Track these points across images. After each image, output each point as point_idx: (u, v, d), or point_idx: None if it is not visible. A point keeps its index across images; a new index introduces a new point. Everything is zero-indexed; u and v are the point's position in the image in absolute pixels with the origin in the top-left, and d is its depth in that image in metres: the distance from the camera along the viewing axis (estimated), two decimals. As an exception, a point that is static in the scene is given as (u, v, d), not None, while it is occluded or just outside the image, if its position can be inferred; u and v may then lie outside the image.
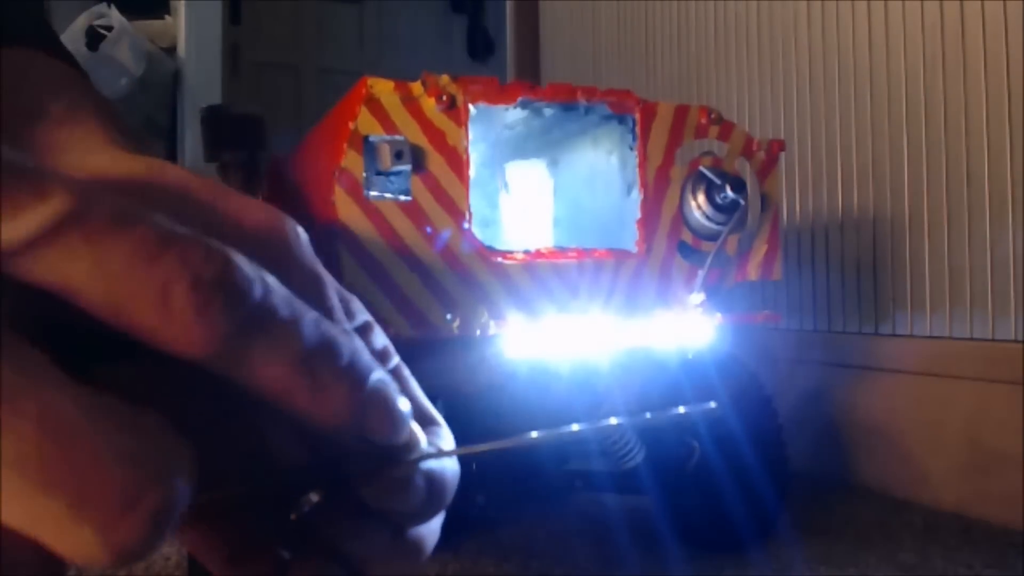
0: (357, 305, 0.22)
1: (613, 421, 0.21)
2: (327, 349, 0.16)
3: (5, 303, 0.13)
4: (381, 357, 0.22)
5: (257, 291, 0.15)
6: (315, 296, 0.20)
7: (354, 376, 0.17)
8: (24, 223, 0.13)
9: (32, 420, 0.12)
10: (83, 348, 0.16)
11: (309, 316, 0.16)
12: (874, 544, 0.88)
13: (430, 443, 0.20)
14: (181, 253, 0.14)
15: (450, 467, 0.20)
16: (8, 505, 0.12)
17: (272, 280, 0.16)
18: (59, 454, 0.12)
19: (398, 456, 0.19)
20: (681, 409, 0.22)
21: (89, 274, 0.13)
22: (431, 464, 0.20)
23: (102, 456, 0.13)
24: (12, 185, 0.13)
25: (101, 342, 0.15)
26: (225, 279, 0.14)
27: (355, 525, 0.19)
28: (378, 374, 0.17)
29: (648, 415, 0.22)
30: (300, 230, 0.21)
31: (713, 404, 0.23)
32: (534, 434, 0.21)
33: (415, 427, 0.20)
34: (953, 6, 1.03)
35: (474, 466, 0.75)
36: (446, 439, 0.21)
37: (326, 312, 0.20)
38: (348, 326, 0.20)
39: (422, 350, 0.71)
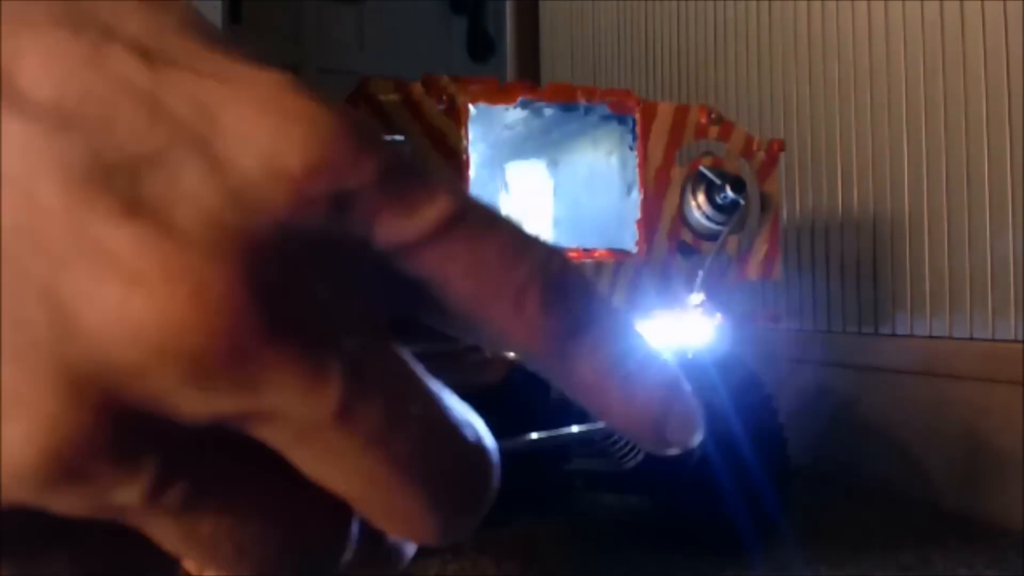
0: None
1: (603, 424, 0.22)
2: (637, 350, 0.17)
3: (380, 301, 0.14)
4: None
5: (588, 291, 0.16)
6: None
7: (662, 378, 0.17)
8: (419, 221, 0.14)
9: (415, 427, 0.13)
10: None
11: (620, 316, 0.17)
12: (874, 544, 0.88)
13: None
14: (534, 255, 0.15)
15: (498, 462, 0.21)
16: (370, 494, 0.13)
17: (590, 278, 0.17)
18: (432, 458, 0.13)
19: None
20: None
21: (462, 270, 0.14)
22: None
23: (465, 462, 0.14)
24: (411, 186, 0.14)
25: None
26: (566, 280, 0.15)
27: None
28: (676, 375, 0.18)
29: None
30: None
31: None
32: (534, 435, 0.21)
33: None
34: (953, 6, 1.03)
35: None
36: None
37: None
38: None
39: (420, 350, 0.71)
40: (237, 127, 0.13)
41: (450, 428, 0.14)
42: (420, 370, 0.14)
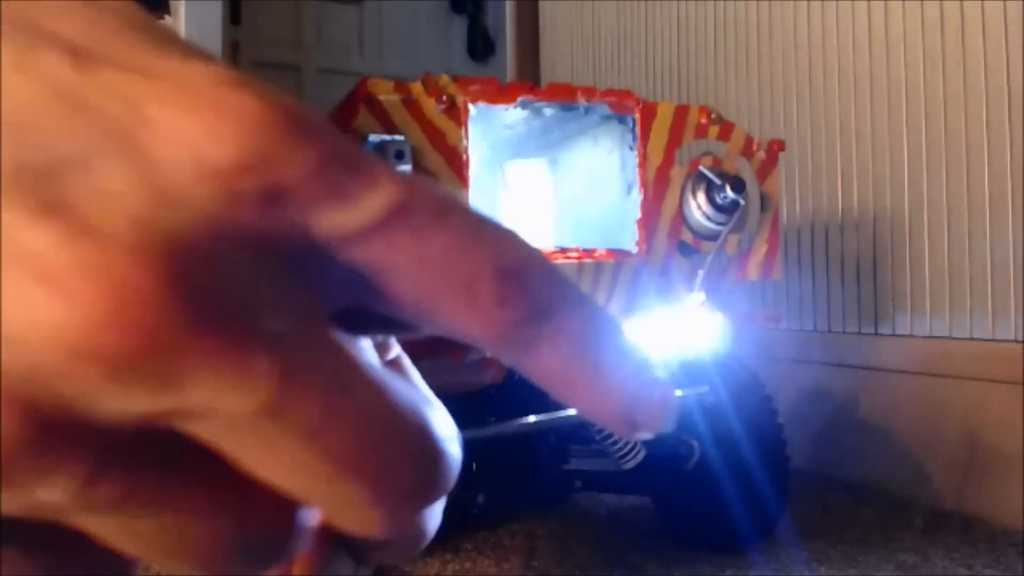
0: None
1: None
2: (606, 336, 0.16)
3: (318, 292, 0.14)
4: (380, 349, 0.23)
5: (550, 278, 0.15)
6: None
7: (631, 363, 0.17)
8: (359, 212, 0.13)
9: (353, 418, 0.13)
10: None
11: (589, 301, 0.16)
12: (874, 544, 0.88)
13: None
14: (488, 243, 0.15)
15: (453, 452, 0.21)
16: (311, 488, 0.13)
17: (556, 266, 0.16)
18: (372, 450, 0.13)
19: None
20: (677, 392, 0.22)
21: (408, 262, 0.14)
22: None
23: (407, 453, 0.14)
24: (351, 176, 0.13)
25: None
26: (523, 267, 0.15)
27: None
28: (650, 362, 0.17)
29: None
30: None
31: (705, 388, 0.23)
32: (532, 418, 0.22)
33: None
34: (953, 6, 1.03)
35: (474, 466, 0.75)
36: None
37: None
38: None
39: (422, 350, 0.71)
40: (166, 124, 0.12)
41: (394, 418, 0.14)
42: (364, 359, 0.14)
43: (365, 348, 0.16)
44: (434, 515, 0.22)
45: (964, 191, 1.03)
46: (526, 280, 0.15)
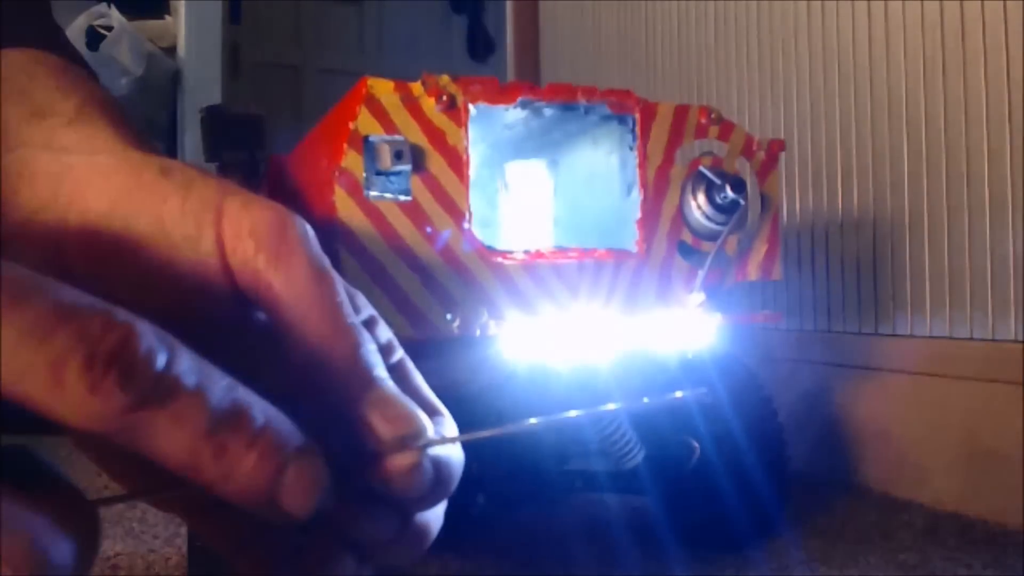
0: (362, 300, 0.23)
1: (611, 406, 0.22)
2: (238, 417, 0.16)
3: None
4: (385, 351, 0.23)
5: (159, 362, 0.15)
6: (321, 291, 0.20)
7: (270, 444, 0.16)
8: None
9: None
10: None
11: (219, 383, 0.16)
12: (874, 544, 0.88)
13: (436, 432, 0.21)
14: (76, 328, 0.14)
15: (455, 455, 0.21)
16: None
17: (180, 346, 0.15)
18: None
19: (406, 444, 0.19)
20: (678, 394, 0.23)
21: None
22: (438, 451, 0.20)
23: None
24: None
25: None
26: (122, 352, 0.14)
27: (365, 510, 0.20)
28: (300, 439, 0.17)
29: (645, 399, 0.23)
30: (307, 226, 0.21)
31: (704, 390, 0.23)
32: (532, 420, 0.22)
33: (422, 415, 0.20)
34: (953, 6, 1.03)
35: (474, 467, 0.75)
36: (450, 428, 0.22)
37: (334, 306, 0.20)
38: (356, 319, 0.21)
39: (422, 350, 0.71)
40: None
41: None
42: None
43: None
44: (437, 516, 0.22)
45: (964, 191, 1.03)
46: (129, 365, 0.14)
